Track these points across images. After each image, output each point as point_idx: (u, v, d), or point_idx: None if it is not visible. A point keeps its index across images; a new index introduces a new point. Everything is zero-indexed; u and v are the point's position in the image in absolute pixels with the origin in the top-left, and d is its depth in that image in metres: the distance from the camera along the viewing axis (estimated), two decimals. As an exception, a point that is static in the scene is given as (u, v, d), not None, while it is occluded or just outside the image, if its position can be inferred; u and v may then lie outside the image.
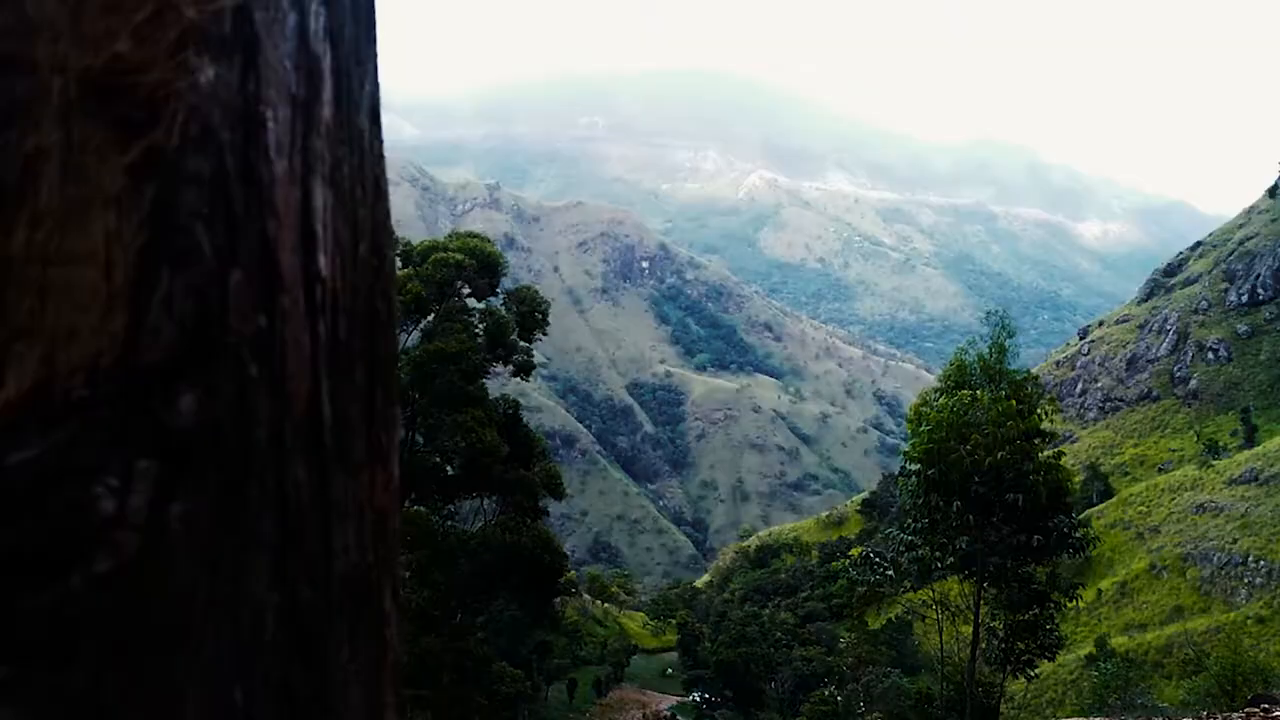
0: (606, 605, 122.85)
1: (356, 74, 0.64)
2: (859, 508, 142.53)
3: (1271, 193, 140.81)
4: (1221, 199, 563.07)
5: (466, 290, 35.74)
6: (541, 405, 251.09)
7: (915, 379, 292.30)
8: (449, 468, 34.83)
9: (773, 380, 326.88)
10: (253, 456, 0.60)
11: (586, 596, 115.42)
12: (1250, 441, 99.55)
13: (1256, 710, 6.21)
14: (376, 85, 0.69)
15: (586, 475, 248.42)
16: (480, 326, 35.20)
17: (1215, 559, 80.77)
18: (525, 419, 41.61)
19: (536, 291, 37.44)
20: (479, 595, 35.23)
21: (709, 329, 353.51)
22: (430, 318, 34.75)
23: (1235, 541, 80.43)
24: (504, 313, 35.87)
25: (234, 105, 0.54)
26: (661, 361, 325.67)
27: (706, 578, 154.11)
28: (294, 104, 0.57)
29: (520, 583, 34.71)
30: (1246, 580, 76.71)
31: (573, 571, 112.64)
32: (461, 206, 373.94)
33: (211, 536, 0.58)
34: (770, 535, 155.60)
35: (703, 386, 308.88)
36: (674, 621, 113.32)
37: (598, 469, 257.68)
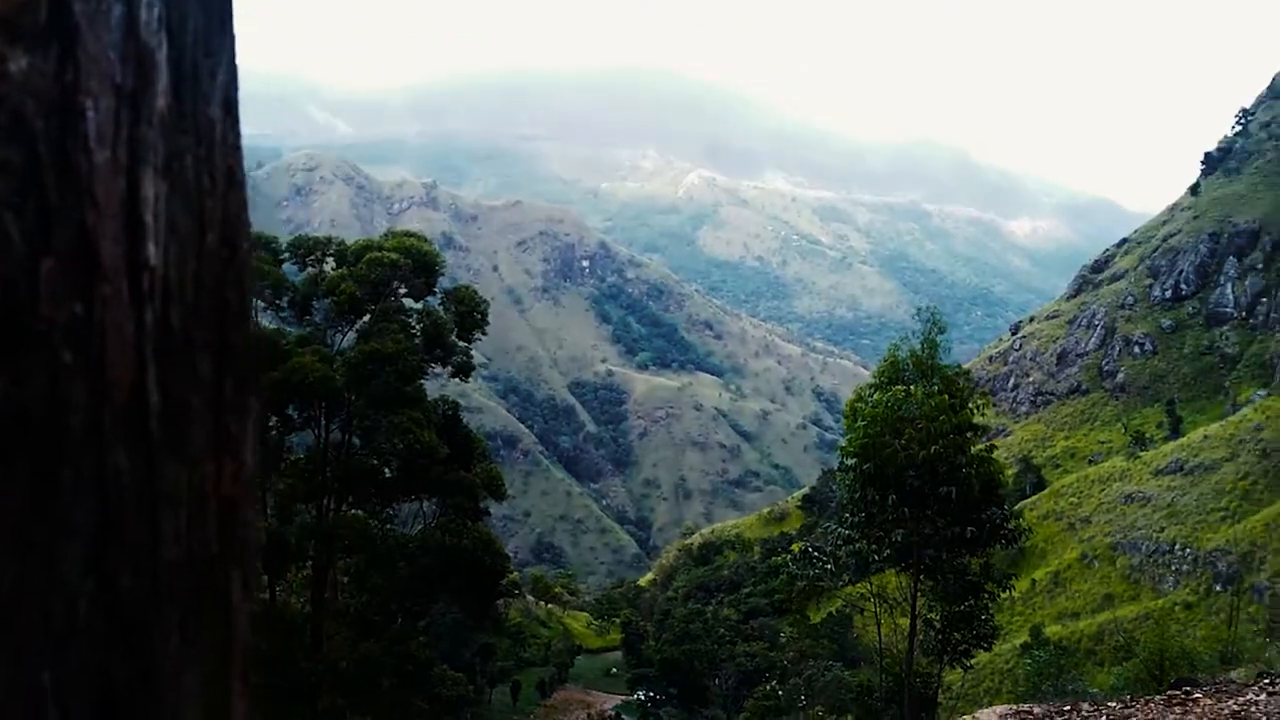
0: (550, 606, 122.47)
1: (205, 65, 0.64)
2: (800, 503, 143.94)
3: (1193, 190, 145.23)
4: (1145, 197, 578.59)
5: (403, 290, 35.31)
6: (482, 406, 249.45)
7: (853, 375, 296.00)
8: (387, 470, 34.41)
9: (714, 378, 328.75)
10: (66, 444, 0.60)
11: (530, 598, 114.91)
12: (1175, 433, 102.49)
13: (1178, 693, 6.38)
14: (232, 76, 0.69)
15: (529, 476, 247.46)
16: (417, 327, 34.81)
17: (1144, 548, 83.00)
18: (465, 420, 41.26)
19: (475, 291, 37.09)
20: (419, 599, 34.85)
21: (650, 328, 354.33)
22: (366, 318, 34.27)
23: (1162, 530, 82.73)
24: (442, 313, 35.51)
25: (49, 95, 0.54)
26: (603, 360, 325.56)
27: (650, 576, 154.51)
28: (119, 94, 0.57)
29: (461, 585, 34.42)
30: (1173, 568, 78.92)
31: (515, 573, 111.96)
32: (398, 205, 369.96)
33: (21, 524, 0.58)
34: (713, 532, 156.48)
35: (644, 385, 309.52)
36: (618, 621, 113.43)
37: (540, 469, 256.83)
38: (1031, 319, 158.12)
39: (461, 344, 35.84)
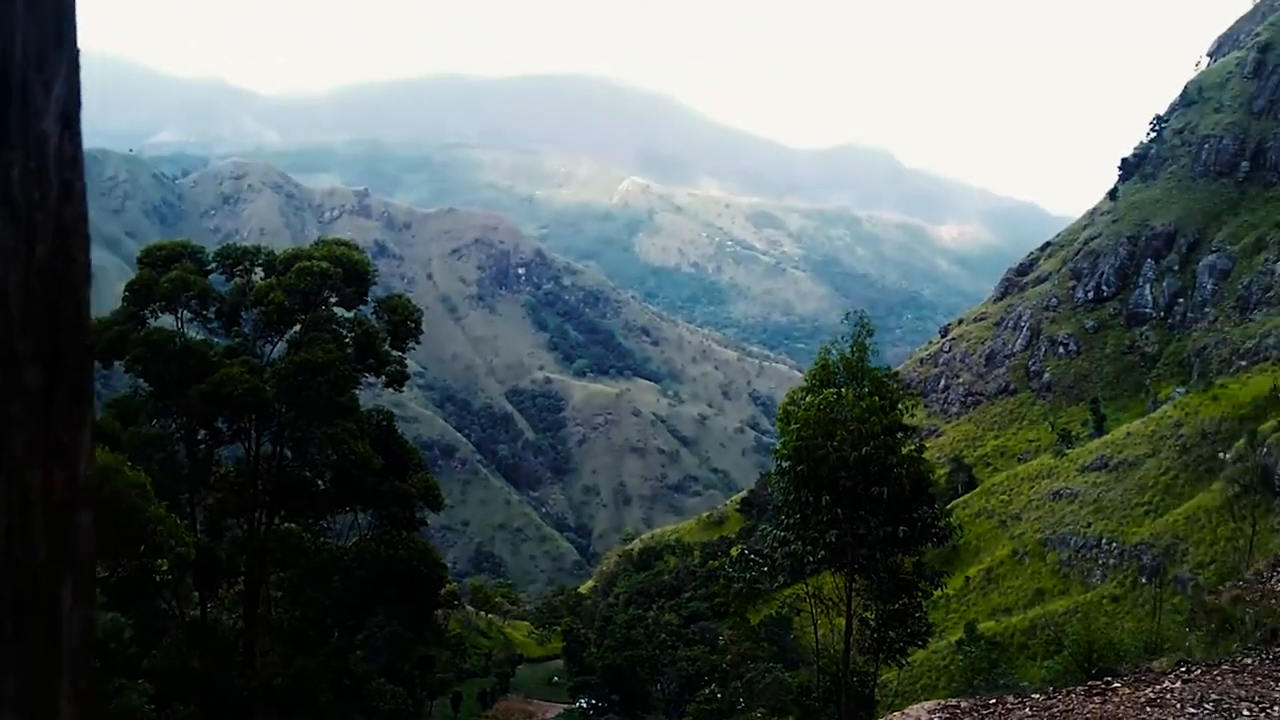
0: (490, 616, 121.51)
1: (37, 80, 0.64)
2: (738, 506, 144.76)
3: (1112, 195, 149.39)
4: (1067, 201, 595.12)
5: (334, 299, 34.88)
6: (418, 415, 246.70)
7: (788, 379, 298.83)
8: (320, 482, 33.95)
9: (651, 384, 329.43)
10: None
11: (470, 608, 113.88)
12: (1100, 430, 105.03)
13: (1099, 684, 6.61)
14: (71, 90, 0.69)
15: (467, 485, 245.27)
16: (349, 336, 34.40)
17: (1072, 543, 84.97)
18: (401, 429, 40.89)
19: (408, 300, 36.79)
20: (356, 612, 34.41)
21: (587, 334, 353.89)
22: (296, 328, 33.76)
23: (1089, 525, 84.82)
24: (374, 322, 35.15)
25: None
26: (540, 368, 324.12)
27: (591, 583, 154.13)
28: None
29: (399, 597, 34.07)
30: (1101, 562, 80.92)
31: (454, 583, 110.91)
32: (329, 214, 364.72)
33: None
34: (653, 538, 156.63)
35: (582, 392, 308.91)
36: (559, 629, 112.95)
37: (478, 478, 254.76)
38: (960, 321, 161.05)
39: (395, 353, 35.51)
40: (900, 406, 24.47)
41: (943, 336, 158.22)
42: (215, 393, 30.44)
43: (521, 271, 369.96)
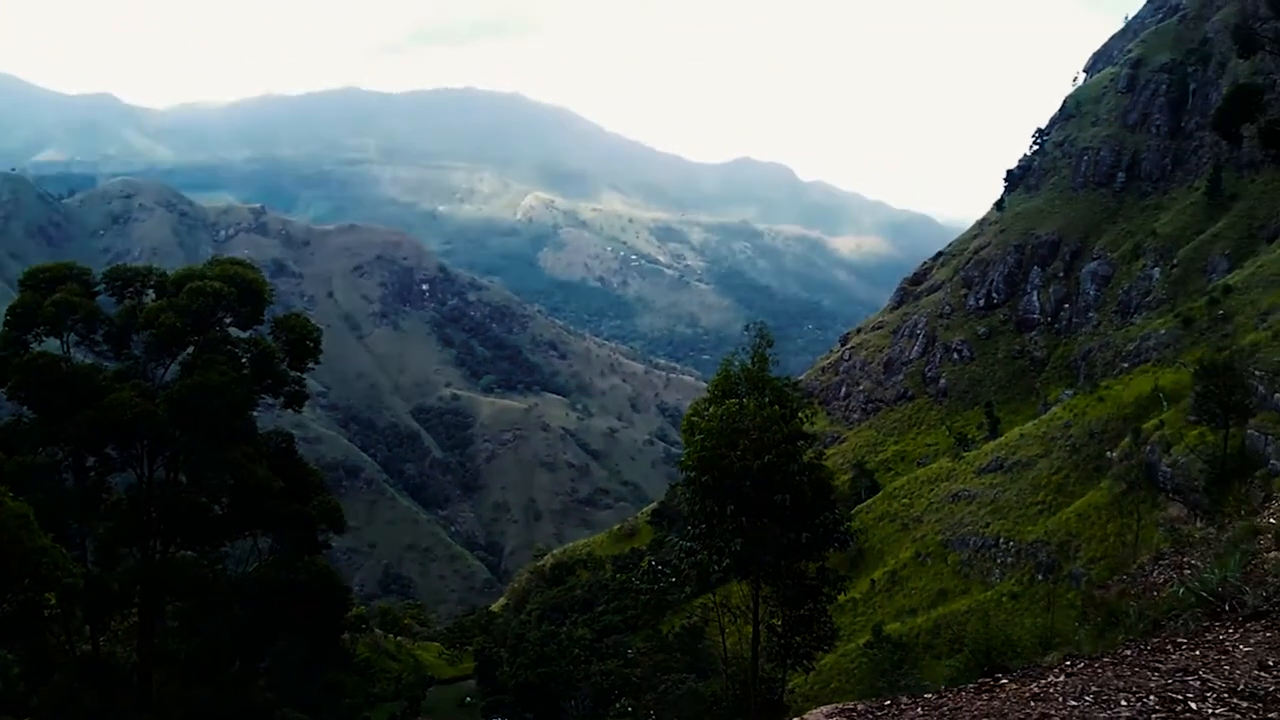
0: (400, 638, 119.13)
1: None
2: (649, 518, 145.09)
3: (999, 206, 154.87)
4: (957, 212, 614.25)
5: (229, 320, 33.99)
6: (321, 436, 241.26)
7: (695, 390, 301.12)
8: (217, 507, 32.98)
9: (560, 398, 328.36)
10: None
11: (378, 631, 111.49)
12: (994, 433, 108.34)
13: (988, 680, 6.85)
14: None
15: (373, 505, 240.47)
16: (246, 357, 33.56)
17: (971, 543, 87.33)
18: (303, 451, 40.02)
19: (307, 318, 36.06)
20: (257, 639, 33.49)
21: (494, 350, 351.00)
22: (190, 350, 32.78)
23: (988, 525, 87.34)
24: (271, 342, 34.34)
25: None
26: (447, 385, 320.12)
27: (502, 601, 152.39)
28: None
29: (302, 622, 33.26)
30: (999, 560, 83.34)
31: (362, 606, 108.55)
32: (225, 232, 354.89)
33: None
34: (565, 552, 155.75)
35: (490, 408, 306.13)
36: (470, 649, 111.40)
37: (385, 498, 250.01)
38: (859, 330, 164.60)
39: (294, 373, 34.76)
40: (800, 415, 24.93)
41: (843, 345, 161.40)
42: (104, 418, 29.36)
43: (425, 288, 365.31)
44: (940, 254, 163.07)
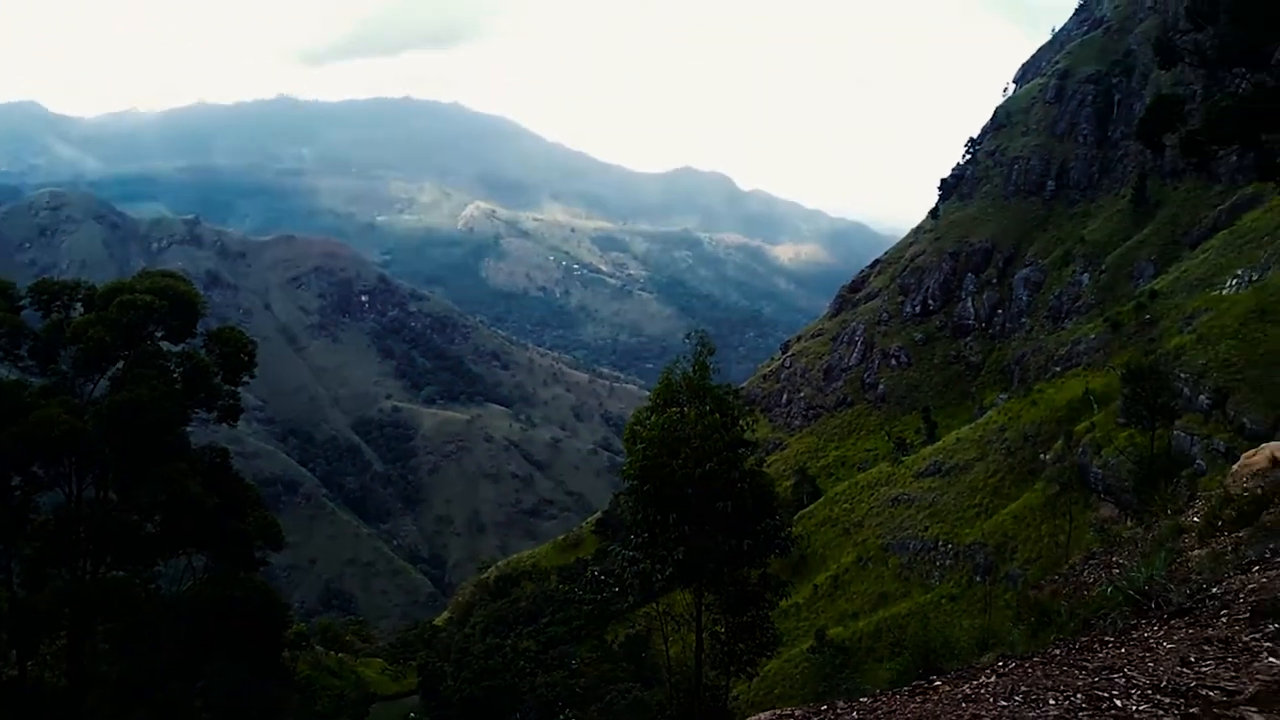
0: (341, 655, 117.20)
1: None
2: (594, 528, 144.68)
3: (933, 214, 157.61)
4: (893, 220, 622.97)
5: (160, 333, 33.25)
6: (259, 450, 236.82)
7: (639, 399, 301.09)
8: (149, 525, 32.18)
9: (503, 409, 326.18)
10: None
11: (319, 648, 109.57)
12: (932, 437, 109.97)
13: (922, 683, 6.93)
14: None
15: (313, 520, 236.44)
16: (178, 372, 32.84)
17: (911, 546, 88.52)
18: (240, 466, 39.28)
19: (241, 331, 35.42)
20: (193, 659, 32.71)
21: (436, 361, 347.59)
22: (119, 365, 31.99)
23: (927, 529, 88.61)
24: (204, 355, 33.65)
25: None
26: (388, 397, 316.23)
27: (446, 615, 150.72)
28: None
29: (239, 641, 32.58)
30: (939, 563, 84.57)
31: (302, 624, 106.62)
32: (157, 244, 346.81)
33: None
34: (509, 564, 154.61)
35: (432, 420, 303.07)
36: (414, 664, 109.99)
37: (325, 513, 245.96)
38: (799, 338, 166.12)
39: (228, 387, 34.09)
40: (741, 423, 25.09)
41: (783, 353, 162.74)
42: (30, 435, 28.50)
43: (365, 299, 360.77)
44: (877, 262, 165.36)
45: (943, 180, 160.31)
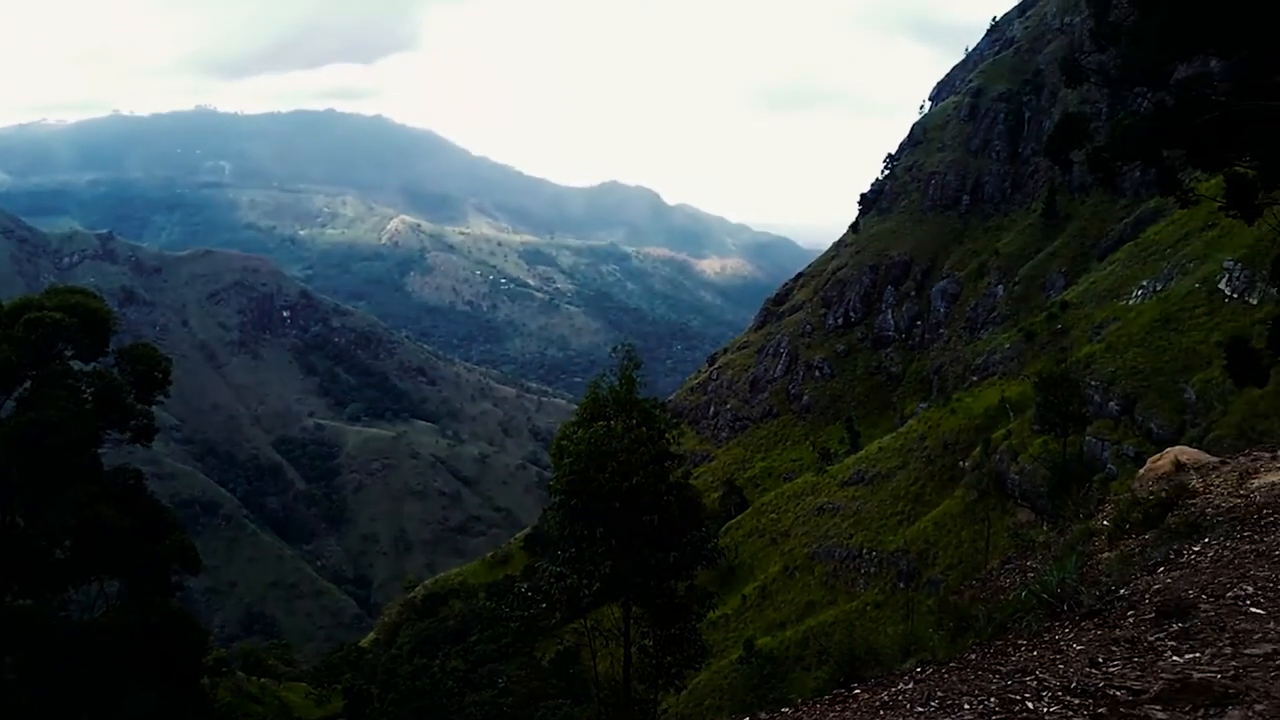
0: (263, 680, 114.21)
1: None
2: (523, 544, 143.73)
3: (854, 228, 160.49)
4: (816, 234, 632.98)
5: (70, 352, 32.16)
6: (175, 471, 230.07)
7: (568, 413, 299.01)
8: (59, 551, 31.04)
9: (430, 425, 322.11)
10: None
11: (240, 674, 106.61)
12: (855, 447, 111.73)
13: (842, 691, 7.01)
14: None
15: (233, 542, 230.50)
16: (89, 391, 31.79)
17: (837, 554, 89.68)
18: (157, 488, 38.17)
19: (154, 348, 34.45)
20: (106, 689, 31.56)
21: (360, 377, 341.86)
22: (26, 385, 30.84)
23: (851, 537, 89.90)
24: (116, 374, 32.64)
25: None
26: (311, 414, 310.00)
27: (372, 636, 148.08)
28: None
29: (155, 669, 31.56)
30: (864, 571, 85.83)
31: (222, 649, 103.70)
32: (68, 259, 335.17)
33: None
34: (436, 582, 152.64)
35: (357, 437, 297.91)
36: (339, 687, 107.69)
37: (246, 534, 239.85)
38: (726, 350, 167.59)
39: (141, 406, 33.10)
40: (668, 436, 25.19)
41: (710, 365, 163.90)
42: (-72, 461, 27.32)
43: (286, 315, 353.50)
44: (801, 275, 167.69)
45: (862, 195, 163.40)
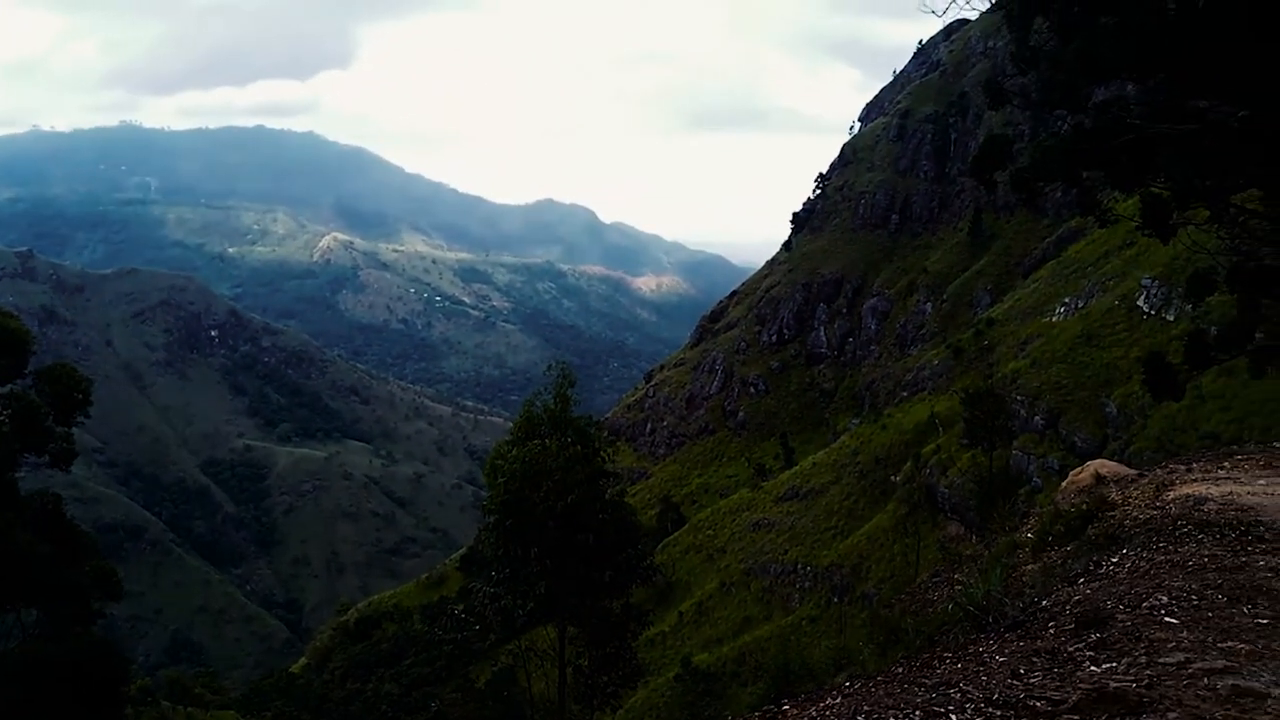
0: (190, 709, 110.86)
1: None
2: (458, 564, 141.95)
3: (786, 246, 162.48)
4: (750, 252, 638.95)
5: (-17, 374, 31.03)
6: (98, 495, 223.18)
7: (504, 431, 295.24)
8: (-30, 581, 29.84)
9: (363, 445, 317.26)
10: None
11: (165, 703, 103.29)
12: (790, 462, 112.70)
13: (772, 707, 7.03)
14: None
15: (159, 567, 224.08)
16: (4, 414, 30.70)
17: (772, 570, 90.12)
18: (78, 513, 36.95)
19: (73, 369, 33.41)
20: (21, 724, 30.38)
21: (290, 397, 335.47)
22: (-64, 409, 29.72)
23: (786, 552, 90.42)
24: (33, 396, 31.59)
25: None
26: (240, 435, 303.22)
27: (304, 661, 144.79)
28: None
29: (75, 701, 30.46)
30: (799, 585, 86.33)
31: (146, 678, 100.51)
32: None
33: None
34: (370, 605, 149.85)
35: (288, 458, 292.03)
36: (269, 714, 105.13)
37: (172, 559, 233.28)
38: (662, 367, 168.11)
39: (61, 429, 32.06)
40: (603, 454, 25.13)
41: (647, 382, 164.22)
42: None
43: (215, 334, 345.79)
44: (735, 293, 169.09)
45: (794, 214, 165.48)
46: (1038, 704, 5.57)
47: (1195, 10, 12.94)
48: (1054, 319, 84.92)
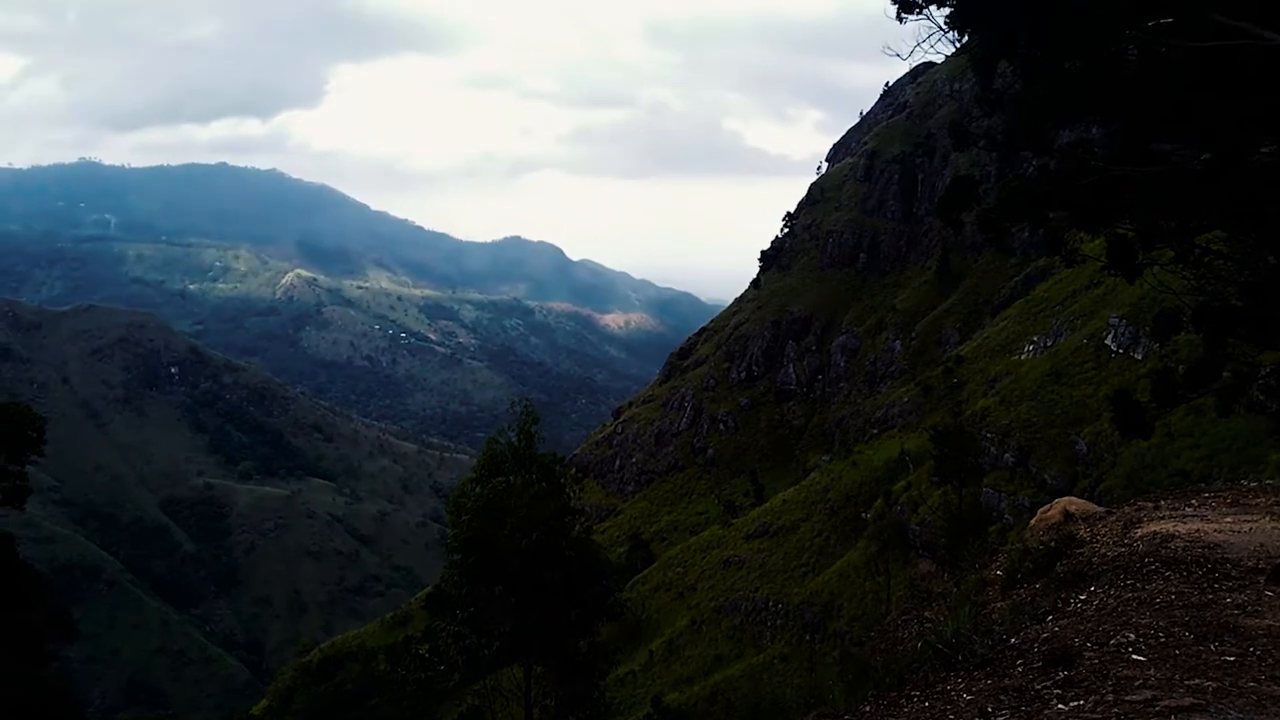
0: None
1: None
2: (423, 603, 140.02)
3: (755, 284, 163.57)
4: (718, 290, 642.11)
5: (-65, 411, 30.39)
6: (54, 535, 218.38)
7: (470, 469, 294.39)
8: (-83, 625, 29.01)
9: (326, 483, 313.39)
10: None
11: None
12: (760, 499, 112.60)
13: (743, 743, 6.93)
14: None
15: (116, 608, 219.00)
16: (-45, 452, 30.05)
17: (743, 607, 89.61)
18: (32, 553, 36.03)
19: (28, 407, 32.83)
20: (-33, 773, 29.41)
21: (252, 435, 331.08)
22: (-116, 447, 29.01)
23: (757, 590, 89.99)
24: (-14, 434, 30.94)
25: None
26: (200, 474, 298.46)
27: (265, 703, 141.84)
28: None
29: (22, 749, 29.55)
30: (770, 623, 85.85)
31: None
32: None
33: None
34: (333, 645, 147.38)
35: (249, 496, 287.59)
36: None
37: (130, 599, 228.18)
38: (630, 404, 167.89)
39: (13, 467, 31.41)
40: (568, 490, 24.94)
41: (615, 419, 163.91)
42: None
43: (175, 371, 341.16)
44: (704, 330, 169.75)
45: (763, 252, 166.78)
46: (1006, 743, 5.49)
47: (1155, 60, 13.19)
48: (1023, 356, 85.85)
